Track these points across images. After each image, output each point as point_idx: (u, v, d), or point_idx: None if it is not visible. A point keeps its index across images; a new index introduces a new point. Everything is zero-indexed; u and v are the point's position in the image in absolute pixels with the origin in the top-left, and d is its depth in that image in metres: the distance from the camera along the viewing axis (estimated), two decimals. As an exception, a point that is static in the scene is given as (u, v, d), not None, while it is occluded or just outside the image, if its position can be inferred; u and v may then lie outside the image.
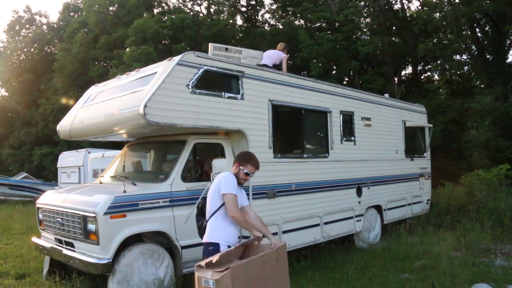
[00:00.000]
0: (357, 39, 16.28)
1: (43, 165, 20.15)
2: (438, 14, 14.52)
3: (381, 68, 15.98)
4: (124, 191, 3.74)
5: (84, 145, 13.06)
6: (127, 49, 17.56)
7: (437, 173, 9.94)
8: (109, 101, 4.40)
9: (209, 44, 5.20)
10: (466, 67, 16.28)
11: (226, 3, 20.55)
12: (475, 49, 15.06)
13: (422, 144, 8.16)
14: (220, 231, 2.84)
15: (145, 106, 3.65)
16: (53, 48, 25.15)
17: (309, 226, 5.22)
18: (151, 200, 3.84)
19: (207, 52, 4.99)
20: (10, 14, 46.80)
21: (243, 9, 21.13)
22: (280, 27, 19.17)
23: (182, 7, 21.51)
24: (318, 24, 17.63)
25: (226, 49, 5.16)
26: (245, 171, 2.93)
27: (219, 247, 2.78)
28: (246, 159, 2.97)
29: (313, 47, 14.86)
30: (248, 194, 4.49)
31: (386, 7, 16.89)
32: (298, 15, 18.13)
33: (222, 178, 2.87)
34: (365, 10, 18.32)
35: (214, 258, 2.45)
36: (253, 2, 20.24)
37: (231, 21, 20.07)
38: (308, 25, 17.76)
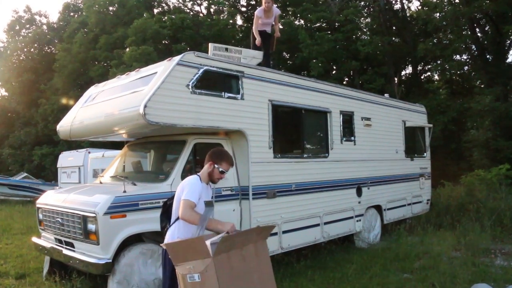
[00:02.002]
0: (357, 39, 16.29)
1: (43, 165, 20.16)
2: (438, 14, 14.51)
3: (381, 68, 15.98)
4: (124, 191, 3.74)
5: (84, 145, 13.06)
6: (127, 49, 17.57)
7: (437, 173, 9.93)
8: (109, 101, 4.39)
9: (209, 44, 5.20)
10: (466, 67, 16.29)
11: (226, 3, 20.56)
12: (475, 49, 15.07)
13: (422, 144, 8.17)
14: (179, 238, 2.75)
15: (145, 106, 3.65)
16: (53, 48, 25.17)
17: (309, 226, 5.22)
18: (151, 200, 3.84)
19: (207, 52, 5.00)
20: (10, 14, 46.85)
21: (243, 9, 21.14)
22: (280, 27, 19.14)
23: (182, 7, 21.54)
24: (318, 24, 17.62)
25: (226, 49, 5.17)
26: (220, 169, 2.85)
27: None
28: (220, 157, 2.88)
29: (313, 47, 14.87)
30: (248, 194, 4.51)
31: (386, 7, 16.90)
32: (298, 15, 18.13)
33: (186, 185, 2.78)
34: (365, 10, 18.34)
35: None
36: (253, 2, 20.24)
37: (231, 21, 20.09)
38: (308, 25, 17.75)
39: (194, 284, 2.37)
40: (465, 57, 15.82)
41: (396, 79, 16.92)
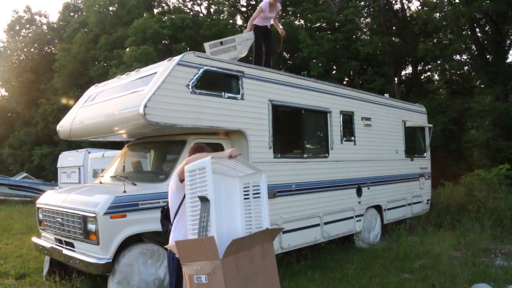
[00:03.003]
0: (357, 39, 16.29)
1: (43, 165, 20.17)
2: (438, 14, 14.52)
3: (381, 68, 15.98)
4: (124, 191, 3.74)
5: (84, 145, 13.07)
6: (127, 49, 17.57)
7: (437, 173, 9.93)
8: (109, 101, 4.40)
9: (204, 44, 5.20)
10: (466, 67, 16.28)
11: (226, 3, 20.56)
12: (475, 49, 15.06)
13: (422, 144, 8.17)
14: (184, 232, 2.70)
15: (145, 106, 3.65)
16: (53, 48, 25.19)
17: (309, 226, 5.22)
18: (151, 200, 3.83)
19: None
20: (10, 14, 46.87)
21: (243, 9, 21.14)
22: (280, 27, 19.15)
23: (182, 7, 21.54)
24: (318, 24, 17.62)
25: (221, 43, 5.19)
26: None
27: None
28: (196, 151, 2.92)
29: (313, 47, 14.86)
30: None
31: (386, 7, 16.89)
32: (298, 15, 18.13)
33: (173, 173, 2.87)
34: (365, 10, 18.33)
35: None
36: (253, 2, 20.23)
37: (231, 21, 20.07)
38: (308, 25, 17.74)
39: (201, 286, 2.36)
40: (465, 57, 15.82)
41: (396, 79, 16.92)
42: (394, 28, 17.53)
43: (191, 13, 21.25)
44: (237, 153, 2.66)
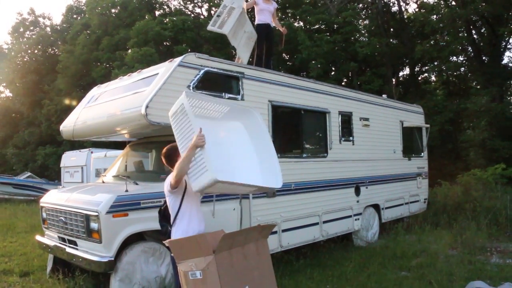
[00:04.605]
0: (355, 40, 16.37)
1: (47, 165, 20.20)
2: (435, 16, 14.65)
3: (379, 69, 16.07)
4: (126, 190, 3.78)
5: (87, 145, 13.11)
6: (129, 51, 17.65)
7: (434, 173, 10.00)
8: (112, 102, 4.45)
9: (208, 27, 5.28)
10: (463, 68, 16.42)
11: (226, 5, 20.63)
12: (471, 50, 15.18)
13: (419, 144, 8.24)
14: (184, 234, 2.81)
15: (147, 106, 3.71)
16: (56, 50, 25.28)
17: (308, 224, 5.28)
18: (152, 199, 3.86)
19: (208, 53, 5.08)
20: (14, 16, 46.89)
21: (243, 10, 21.20)
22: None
23: (183, 9, 21.63)
24: (317, 26, 17.71)
25: (218, 16, 5.34)
26: None
27: None
28: (172, 152, 3.09)
29: (312, 48, 14.95)
30: (248, 194, 4.56)
31: (384, 9, 17.00)
32: (298, 17, 18.23)
33: (167, 178, 2.98)
34: (363, 12, 18.44)
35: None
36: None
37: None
38: (307, 26, 17.84)
39: (196, 281, 2.42)
40: (461, 59, 15.97)
41: (394, 80, 17.03)
42: (391, 30, 17.64)
43: (192, 15, 21.33)
44: (199, 132, 2.57)
